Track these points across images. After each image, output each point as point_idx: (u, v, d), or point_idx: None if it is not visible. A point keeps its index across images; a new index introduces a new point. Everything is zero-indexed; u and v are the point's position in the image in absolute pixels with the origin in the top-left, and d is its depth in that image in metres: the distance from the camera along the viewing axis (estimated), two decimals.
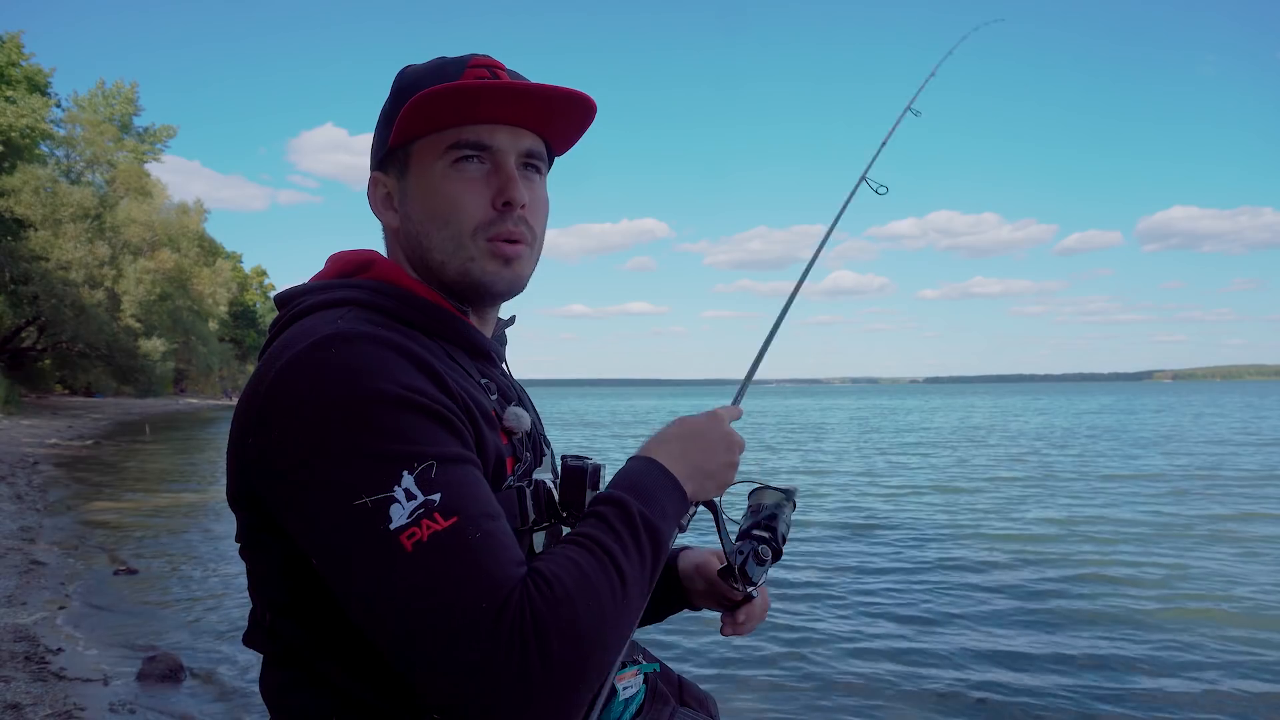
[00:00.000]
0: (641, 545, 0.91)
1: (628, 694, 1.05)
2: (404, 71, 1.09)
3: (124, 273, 34.14)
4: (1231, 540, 9.40)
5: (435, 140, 1.03)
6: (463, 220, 1.02)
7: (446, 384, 0.92)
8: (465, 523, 0.83)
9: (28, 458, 16.95)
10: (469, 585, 0.80)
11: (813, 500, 12.72)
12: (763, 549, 1.14)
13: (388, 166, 1.08)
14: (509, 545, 0.86)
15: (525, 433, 1.06)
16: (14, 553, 8.17)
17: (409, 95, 1.01)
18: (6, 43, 30.07)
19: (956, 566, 8.24)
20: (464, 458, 0.88)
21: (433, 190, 1.03)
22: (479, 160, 1.03)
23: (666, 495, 0.98)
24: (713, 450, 1.06)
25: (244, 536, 0.97)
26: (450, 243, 1.03)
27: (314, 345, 0.89)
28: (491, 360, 1.10)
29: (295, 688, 0.95)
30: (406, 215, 1.06)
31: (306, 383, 0.87)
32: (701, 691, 1.22)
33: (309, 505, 0.85)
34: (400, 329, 0.97)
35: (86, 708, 4.36)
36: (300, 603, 0.92)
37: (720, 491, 1.09)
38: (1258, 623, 6.20)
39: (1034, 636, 5.87)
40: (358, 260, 1.08)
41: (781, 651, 5.65)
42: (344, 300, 1.00)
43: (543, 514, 1.04)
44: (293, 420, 0.86)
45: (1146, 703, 4.73)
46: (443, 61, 1.06)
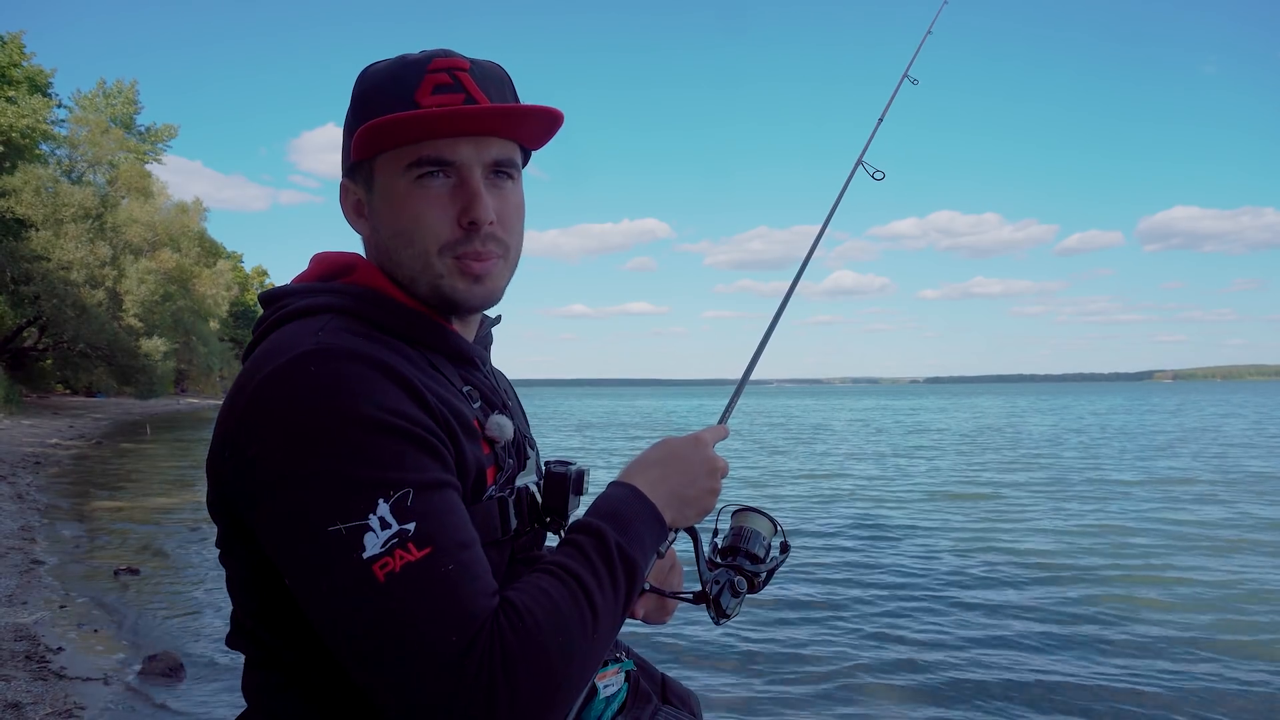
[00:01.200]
0: (616, 578, 0.91)
1: (608, 692, 1.05)
2: (364, 74, 1.03)
3: (125, 273, 34.12)
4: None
5: (396, 155, 0.99)
6: (427, 240, 0.99)
7: (427, 401, 0.91)
8: (439, 554, 0.82)
9: (29, 458, 16.96)
10: (439, 618, 0.80)
11: (829, 504, 12.48)
12: (739, 580, 1.10)
13: (355, 175, 1.05)
14: (481, 575, 0.85)
15: (508, 440, 1.04)
16: (15, 552, 8.19)
17: (368, 105, 0.99)
18: (8, 43, 30.07)
19: (981, 577, 8.08)
20: (442, 483, 0.87)
21: (397, 208, 0.99)
22: (443, 175, 0.99)
23: (645, 525, 0.97)
24: (694, 477, 1.04)
25: (222, 544, 0.98)
26: (417, 261, 1.00)
27: (293, 361, 0.88)
28: (474, 365, 1.08)
29: (274, 689, 0.97)
30: (376, 229, 1.04)
31: (284, 402, 0.86)
32: (684, 689, 1.21)
33: (282, 525, 0.85)
34: (381, 338, 0.96)
35: (87, 707, 4.38)
36: (274, 610, 0.93)
37: (700, 518, 1.07)
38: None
39: (1084, 666, 5.32)
40: (341, 263, 1.07)
41: (776, 652, 5.67)
42: (326, 306, 0.99)
43: (526, 520, 1.03)
44: (269, 439, 0.85)
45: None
46: (402, 65, 1.00)
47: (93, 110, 39.51)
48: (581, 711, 1.01)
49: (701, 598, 1.10)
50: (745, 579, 1.11)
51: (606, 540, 0.92)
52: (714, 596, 1.09)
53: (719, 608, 1.09)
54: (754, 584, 1.12)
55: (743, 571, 1.11)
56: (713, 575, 1.11)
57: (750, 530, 1.15)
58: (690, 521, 1.06)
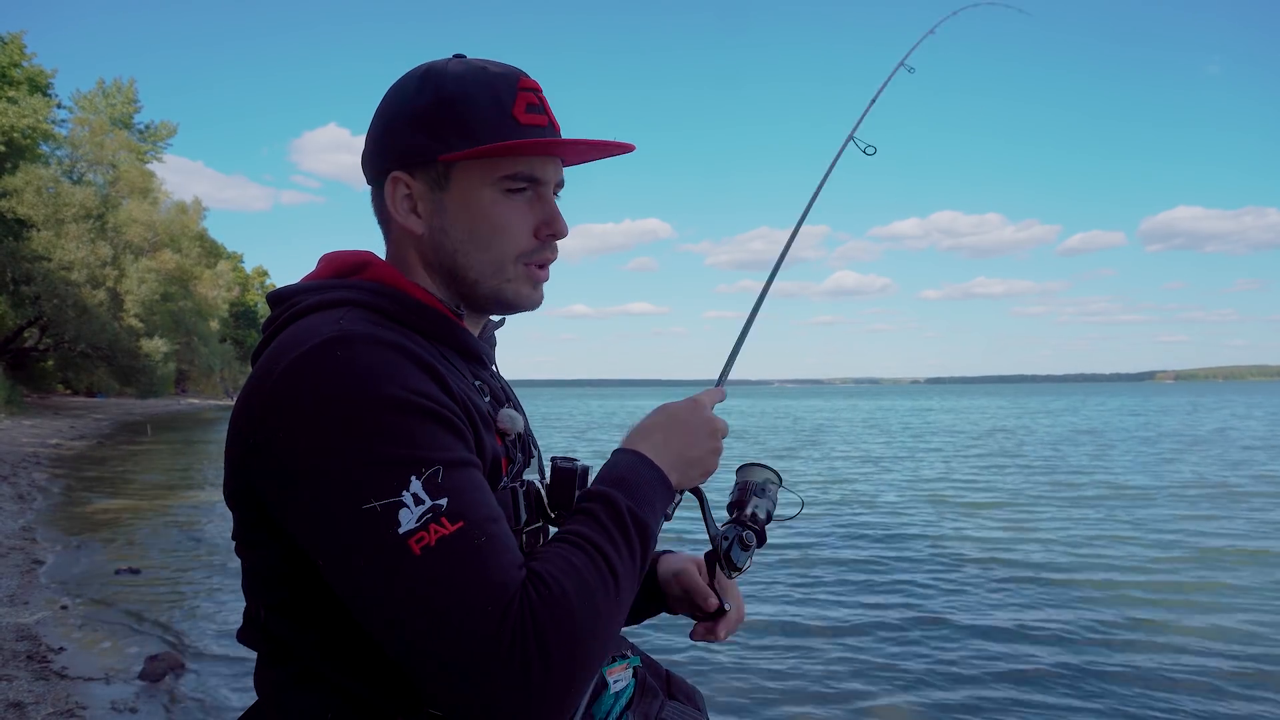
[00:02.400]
0: (631, 542, 0.93)
1: (618, 687, 1.07)
2: (445, 76, 1.03)
3: (126, 273, 34.16)
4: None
5: (489, 165, 1.02)
6: (507, 247, 1.04)
7: (449, 386, 0.93)
8: (470, 527, 0.84)
9: (30, 458, 16.98)
10: (474, 588, 0.82)
11: (856, 509, 12.31)
12: (747, 534, 1.15)
13: (417, 171, 1.04)
14: (511, 548, 0.87)
15: (518, 434, 1.07)
16: (16, 552, 8.20)
17: (460, 112, 1.01)
18: (9, 43, 30.13)
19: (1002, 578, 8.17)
20: (468, 461, 0.90)
21: (480, 214, 1.03)
22: (525, 190, 1.05)
23: (653, 488, 0.99)
24: (696, 438, 1.07)
25: (240, 534, 0.98)
26: (490, 265, 1.05)
27: (319, 347, 0.89)
28: (483, 363, 1.11)
29: (291, 685, 0.96)
30: (441, 229, 1.05)
31: (312, 385, 0.87)
32: (690, 686, 1.22)
33: (316, 507, 0.86)
34: (399, 330, 0.97)
35: (88, 706, 4.39)
36: (296, 601, 0.93)
37: (705, 478, 1.10)
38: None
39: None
40: (354, 261, 1.08)
41: (779, 650, 5.67)
42: (342, 300, 0.99)
43: (533, 514, 1.06)
44: (298, 422, 0.87)
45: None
46: (491, 76, 1.03)
47: (92, 110, 39.58)
48: (592, 705, 1.03)
49: (713, 555, 1.16)
50: (754, 532, 1.15)
51: (618, 505, 0.94)
52: (725, 551, 1.14)
53: (730, 562, 1.14)
54: (762, 538, 1.16)
55: (750, 526, 1.16)
56: (721, 531, 1.16)
57: (754, 484, 1.20)
58: (695, 482, 1.09)
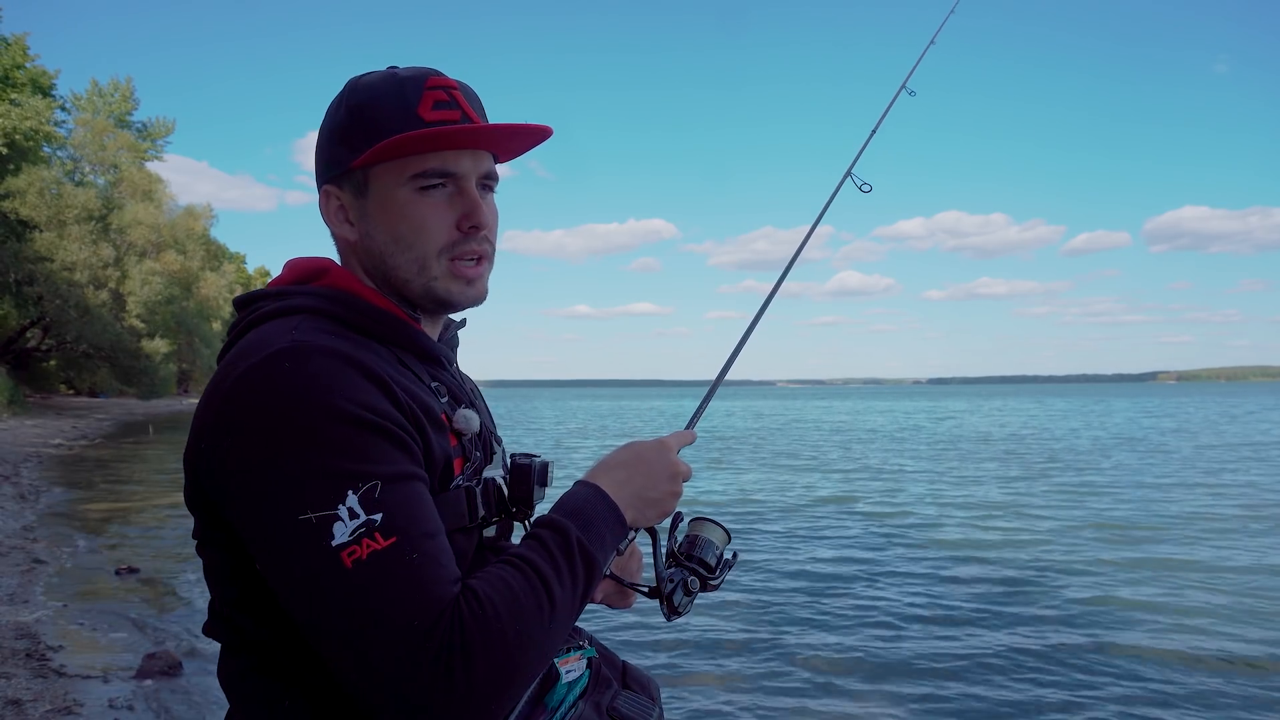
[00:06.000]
0: (576, 572, 0.96)
1: (570, 677, 1.10)
2: (355, 87, 1.08)
3: (128, 274, 34.22)
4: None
5: (399, 166, 1.04)
6: (427, 244, 1.05)
7: (397, 396, 0.95)
8: (404, 542, 0.87)
9: (31, 457, 17.04)
10: (403, 604, 0.85)
11: (887, 518, 12.22)
12: (692, 580, 1.18)
13: (343, 182, 1.09)
14: (445, 564, 0.90)
15: (474, 433, 1.09)
16: (16, 551, 8.25)
17: (366, 118, 1.04)
18: (12, 45, 30.18)
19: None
20: (409, 475, 0.92)
21: (398, 215, 1.05)
22: (442, 185, 1.06)
23: (606, 523, 1.02)
24: (657, 479, 1.10)
25: (199, 533, 1.02)
26: (415, 264, 1.06)
27: (268, 358, 0.92)
28: (442, 364, 1.14)
29: (249, 674, 1.01)
30: (367, 234, 1.08)
31: (260, 396, 0.90)
32: (645, 675, 1.25)
33: (256, 515, 0.89)
34: (353, 337, 1.00)
35: (85, 704, 4.42)
36: (250, 598, 0.97)
37: (661, 519, 1.13)
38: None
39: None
40: (313, 267, 1.11)
41: (749, 638, 5.70)
42: (299, 308, 1.03)
43: (493, 510, 1.08)
44: (245, 432, 0.90)
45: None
46: (398, 80, 1.06)
47: (92, 110, 39.62)
48: (545, 695, 1.06)
49: (656, 593, 1.18)
50: (698, 579, 1.19)
51: (568, 536, 0.97)
52: (667, 594, 1.17)
53: (670, 604, 1.17)
54: (706, 585, 1.19)
55: (697, 573, 1.19)
56: (668, 573, 1.19)
57: (705, 539, 1.22)
58: (650, 522, 1.11)
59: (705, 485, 15.06)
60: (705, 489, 14.49)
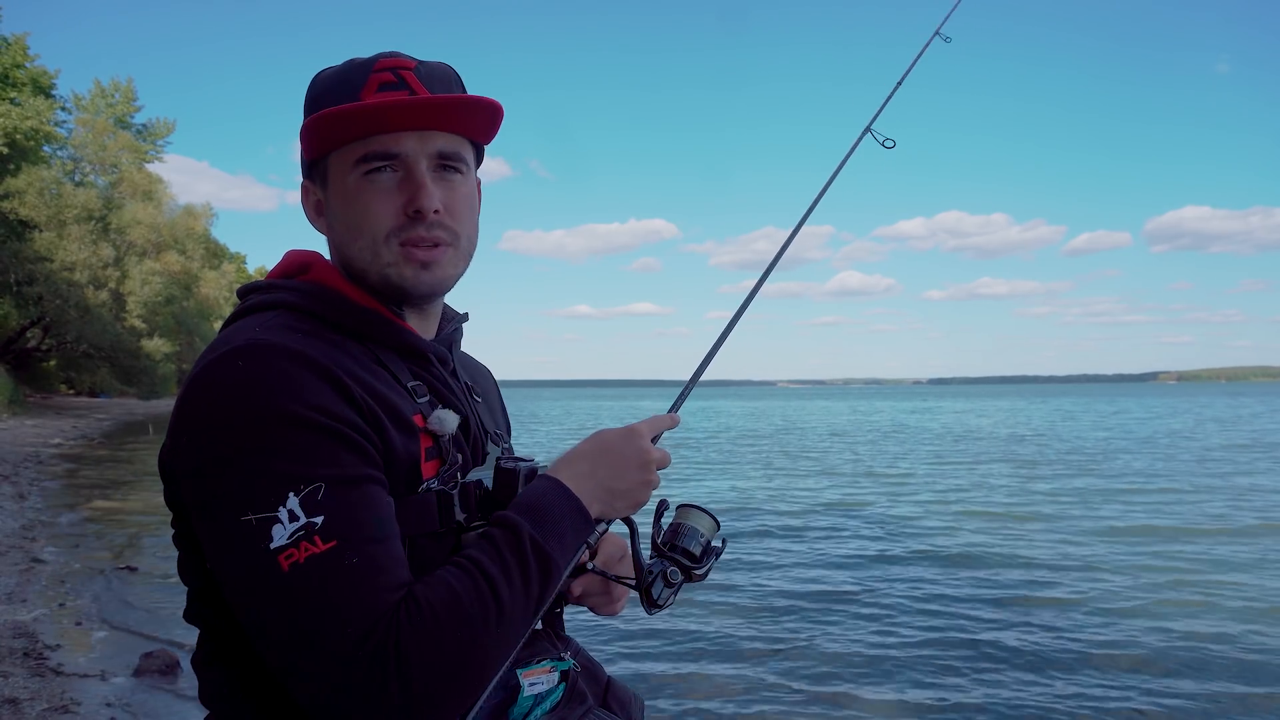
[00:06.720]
0: (528, 571, 0.92)
1: (535, 690, 1.04)
2: (315, 80, 1.08)
3: (129, 274, 34.23)
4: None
5: (345, 153, 1.03)
6: (376, 229, 1.02)
7: (353, 396, 0.93)
8: (344, 546, 0.85)
9: (31, 457, 17.04)
10: (337, 610, 0.83)
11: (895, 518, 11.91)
12: (673, 571, 1.10)
13: (313, 176, 1.10)
14: (388, 570, 0.87)
15: (451, 434, 1.05)
16: (15, 550, 8.25)
17: (317, 107, 1.04)
18: (12, 45, 30.20)
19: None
20: (360, 478, 0.90)
21: (348, 202, 1.04)
22: (390, 169, 1.02)
23: (566, 518, 0.98)
24: (624, 469, 1.05)
25: (176, 526, 1.02)
26: (367, 251, 1.03)
27: (224, 357, 0.91)
28: (426, 360, 1.10)
29: (213, 660, 1.01)
30: (331, 225, 1.08)
31: (209, 396, 0.90)
32: (629, 693, 1.19)
33: (202, 511, 0.90)
34: (328, 334, 1.00)
35: (83, 703, 4.42)
36: (210, 591, 0.97)
37: (634, 509, 1.07)
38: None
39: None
40: (300, 261, 1.10)
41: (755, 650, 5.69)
42: (277, 303, 1.03)
43: (474, 514, 1.03)
44: (197, 430, 0.90)
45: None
46: (349, 67, 1.05)
47: (93, 111, 39.63)
48: (507, 708, 1.01)
49: (635, 586, 1.12)
50: (680, 570, 1.11)
51: (520, 533, 0.94)
52: (646, 585, 1.10)
53: (649, 597, 1.10)
54: (690, 575, 1.12)
55: (679, 564, 1.11)
56: (648, 565, 1.11)
57: (689, 527, 1.15)
58: (621, 514, 1.06)
59: (705, 485, 15.06)
60: (706, 489, 14.48)
